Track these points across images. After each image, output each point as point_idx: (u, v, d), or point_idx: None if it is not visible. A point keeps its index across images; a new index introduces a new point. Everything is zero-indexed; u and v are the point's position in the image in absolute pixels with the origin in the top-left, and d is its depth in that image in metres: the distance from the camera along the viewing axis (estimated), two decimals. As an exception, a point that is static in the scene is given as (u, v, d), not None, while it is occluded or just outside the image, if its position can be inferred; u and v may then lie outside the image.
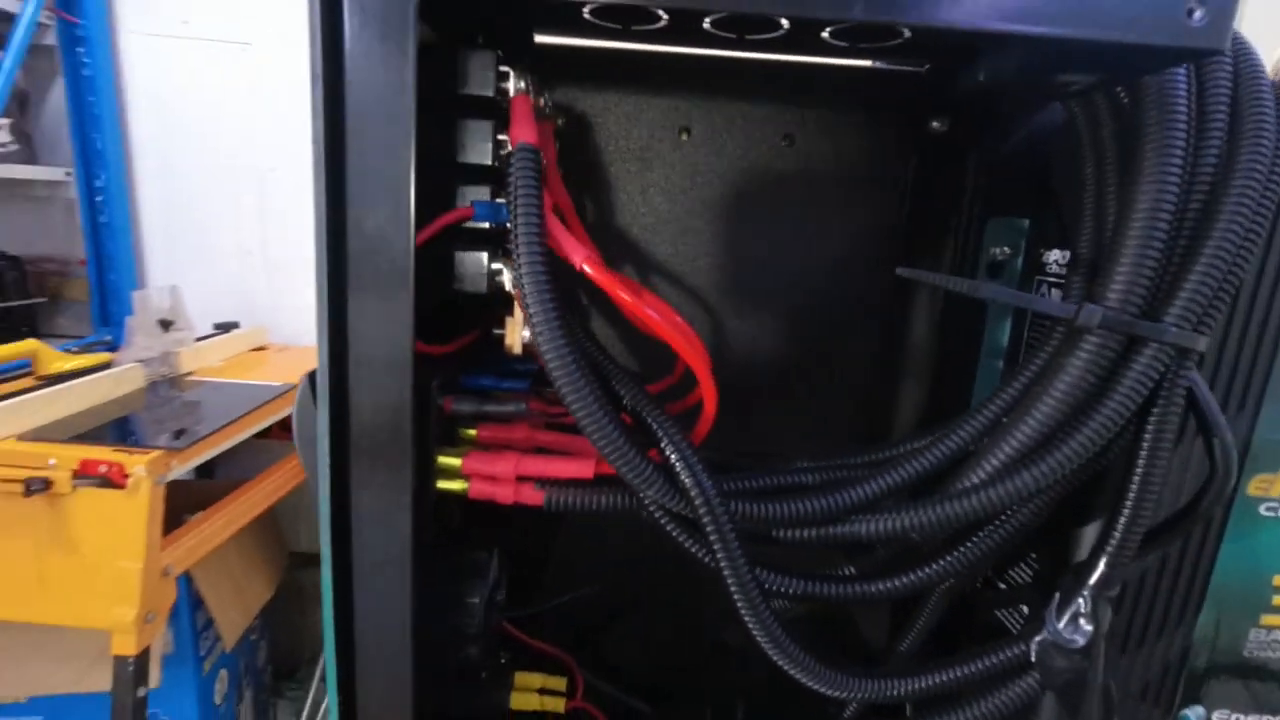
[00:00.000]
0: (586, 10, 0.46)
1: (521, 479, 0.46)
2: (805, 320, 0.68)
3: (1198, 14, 0.37)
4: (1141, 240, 0.42)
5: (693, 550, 0.45)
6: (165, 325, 1.54)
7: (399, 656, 0.44)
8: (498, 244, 0.48)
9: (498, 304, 0.49)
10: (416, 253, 0.41)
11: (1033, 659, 0.47)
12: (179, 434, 1.25)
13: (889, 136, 0.64)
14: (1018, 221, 0.62)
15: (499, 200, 0.46)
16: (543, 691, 0.65)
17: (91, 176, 1.76)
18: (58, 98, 1.74)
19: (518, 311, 0.47)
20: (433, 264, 0.45)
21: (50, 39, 1.67)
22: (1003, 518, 0.48)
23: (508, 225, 0.41)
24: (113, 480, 1.13)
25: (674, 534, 0.46)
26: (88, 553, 1.16)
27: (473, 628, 0.51)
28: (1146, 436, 0.44)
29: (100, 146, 1.74)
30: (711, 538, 0.43)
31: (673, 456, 0.43)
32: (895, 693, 0.46)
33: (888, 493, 0.47)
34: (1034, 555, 0.56)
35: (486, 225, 0.46)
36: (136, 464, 1.13)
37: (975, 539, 0.48)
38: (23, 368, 1.37)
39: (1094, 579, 0.46)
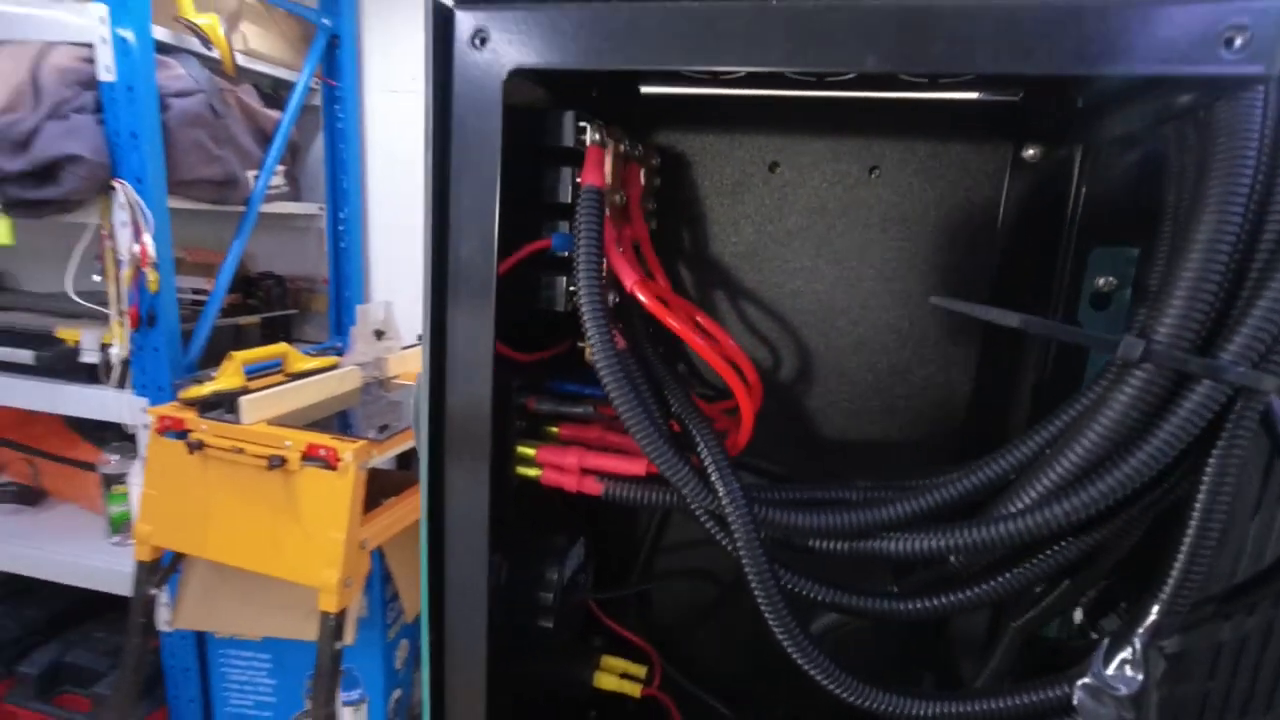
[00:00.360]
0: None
1: (585, 471, 0.54)
2: (894, 349, 0.69)
3: (1237, 42, 0.36)
4: (1197, 272, 0.40)
5: (724, 543, 0.49)
6: (379, 335, 1.82)
7: (477, 606, 0.53)
8: (578, 270, 0.56)
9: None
10: (507, 274, 0.50)
11: (1074, 702, 0.45)
12: (383, 428, 1.47)
13: (980, 166, 0.63)
14: (1127, 250, 0.59)
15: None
16: (624, 676, 0.71)
17: (337, 210, 2.14)
18: (318, 147, 2.14)
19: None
20: (523, 284, 0.55)
21: (316, 100, 2.07)
22: (1046, 553, 0.47)
23: (576, 254, 0.49)
24: (329, 462, 1.36)
25: (710, 529, 0.51)
26: (307, 521, 1.40)
27: (550, 599, 0.59)
28: (1205, 477, 0.41)
29: (345, 186, 2.12)
30: (735, 533, 0.47)
31: (707, 460, 0.48)
32: (917, 711, 0.46)
33: (922, 514, 0.48)
34: (1124, 605, 0.53)
35: (567, 254, 0.54)
36: (346, 450, 1.35)
37: (1015, 570, 0.47)
38: (276, 366, 1.69)
39: (1145, 625, 0.43)
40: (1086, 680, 0.45)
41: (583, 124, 0.52)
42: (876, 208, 0.66)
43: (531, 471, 0.55)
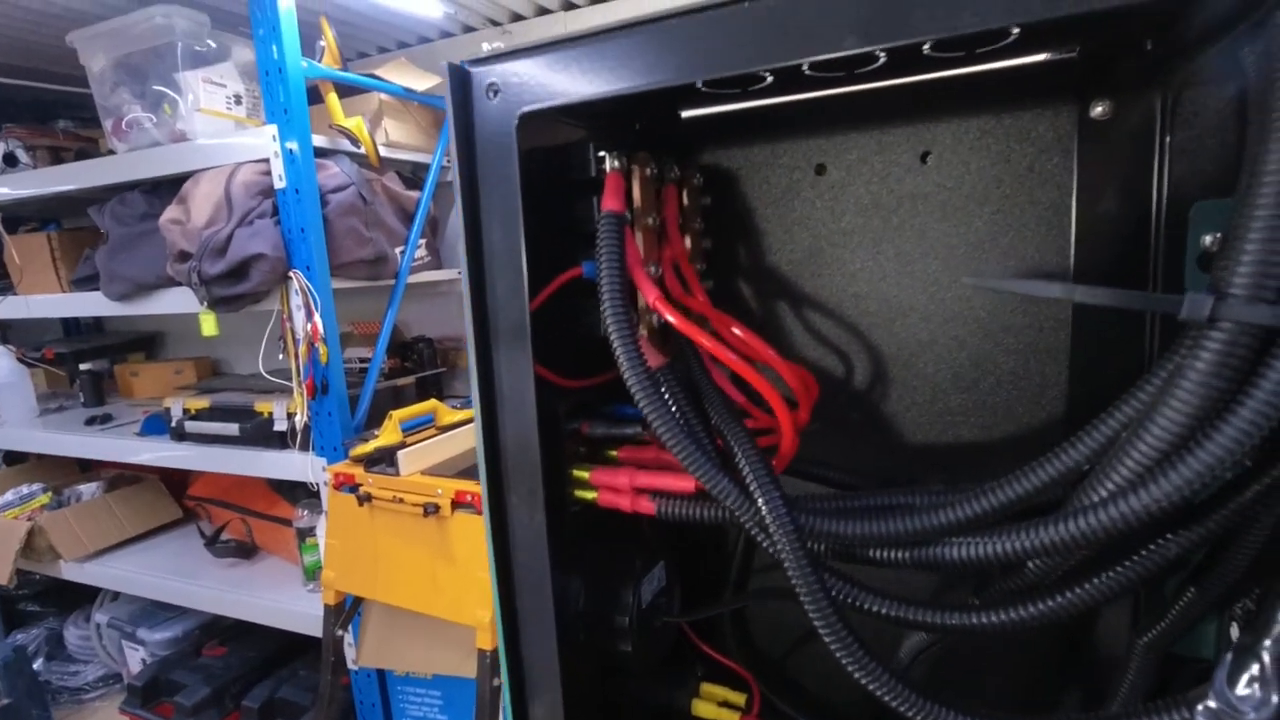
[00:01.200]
0: (699, 83, 0.55)
1: (638, 491, 0.54)
2: (973, 342, 0.63)
3: None
4: (1272, 210, 0.34)
5: (773, 554, 0.48)
6: (515, 383, 1.93)
7: (547, 630, 0.54)
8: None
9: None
10: (548, 304, 0.53)
11: (1195, 728, 0.38)
12: (520, 470, 1.54)
13: (1042, 133, 0.57)
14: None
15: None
16: (723, 704, 0.69)
17: (475, 273, 2.32)
18: (455, 218, 2.35)
19: (644, 349, 0.56)
20: (567, 313, 0.57)
21: (449, 177, 2.28)
22: (1141, 553, 0.40)
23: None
24: (476, 507, 1.45)
25: (761, 542, 0.49)
26: (461, 563, 1.50)
27: (625, 622, 0.60)
28: (1323, 452, 0.34)
29: (481, 250, 2.30)
30: (778, 543, 0.45)
31: (745, 471, 0.47)
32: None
33: (987, 515, 0.43)
34: (1248, 608, 0.45)
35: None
36: (488, 493, 1.43)
37: (1105, 574, 0.41)
38: (428, 421, 1.84)
39: (1274, 634, 0.36)
40: (1209, 703, 0.38)
41: (601, 154, 0.54)
42: (934, 195, 0.62)
43: (588, 494, 0.56)
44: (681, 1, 0.43)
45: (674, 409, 0.48)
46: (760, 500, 0.46)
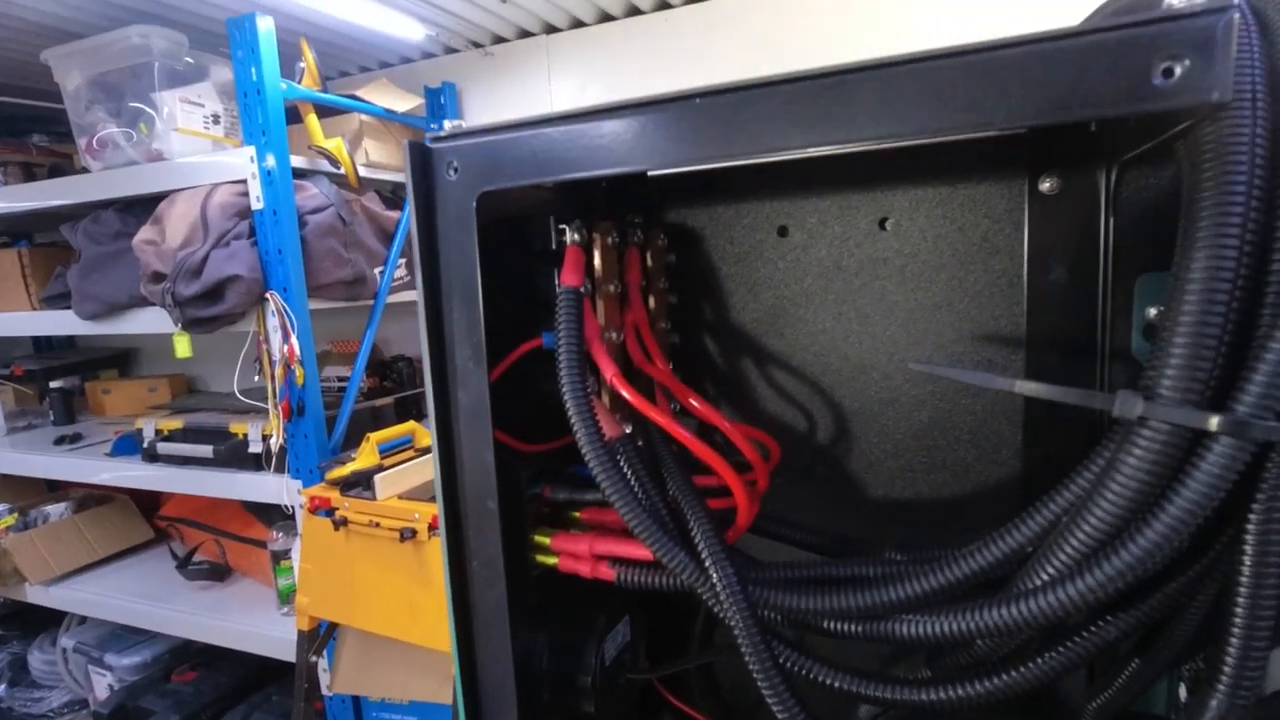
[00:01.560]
0: None
1: (598, 557, 0.55)
2: (932, 402, 0.65)
3: (1178, 71, 0.32)
4: (1196, 314, 0.35)
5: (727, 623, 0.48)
6: (493, 406, 1.93)
7: (507, 695, 0.55)
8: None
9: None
10: (511, 371, 0.54)
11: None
12: (497, 495, 1.54)
13: (994, 204, 0.59)
14: (1182, 277, 0.52)
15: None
16: (690, 755, 0.70)
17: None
18: (435, 238, 2.35)
19: (606, 412, 0.57)
20: (529, 379, 0.58)
21: (429, 197, 2.28)
22: (1085, 632, 0.41)
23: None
24: (450, 531, 1.44)
25: (718, 612, 0.50)
26: (438, 589, 1.49)
27: (587, 682, 0.60)
28: (1247, 545, 0.35)
29: (461, 270, 2.30)
30: (731, 618, 0.46)
31: (700, 544, 0.48)
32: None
33: (936, 592, 0.44)
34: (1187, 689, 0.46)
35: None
36: (463, 518, 1.43)
37: (1053, 652, 0.42)
38: (407, 443, 1.83)
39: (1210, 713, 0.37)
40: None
41: (561, 226, 0.55)
42: (892, 260, 0.63)
43: (550, 559, 0.57)
44: (634, 91, 0.43)
45: (631, 481, 0.49)
46: (715, 576, 0.47)
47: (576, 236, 0.54)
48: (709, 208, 0.70)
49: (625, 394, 0.50)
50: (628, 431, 0.53)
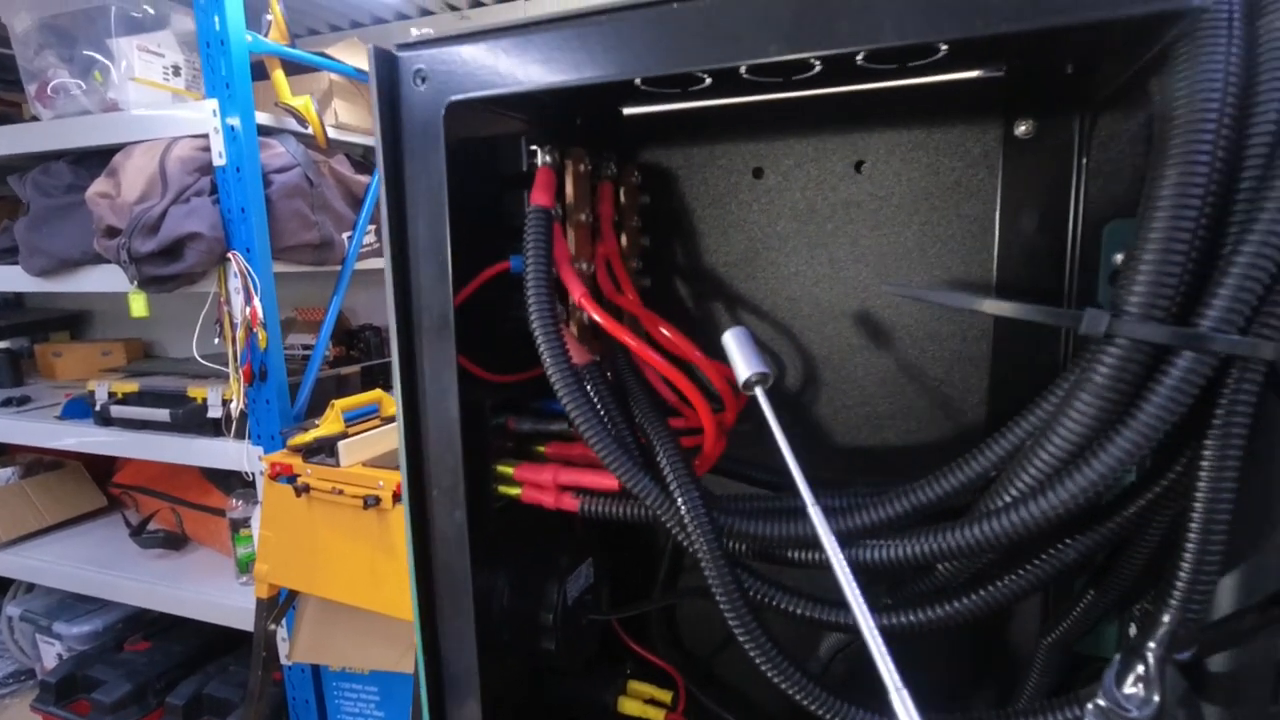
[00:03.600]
0: (637, 81, 0.54)
1: (562, 488, 0.54)
2: (901, 349, 0.65)
3: None
4: (1164, 232, 0.35)
5: (691, 552, 0.48)
6: (461, 375, 1.90)
7: (466, 628, 0.54)
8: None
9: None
10: (475, 298, 0.52)
11: (1083, 726, 0.40)
12: (462, 463, 1.52)
13: (969, 148, 0.59)
14: (1148, 221, 0.53)
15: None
16: (649, 701, 0.69)
17: (424, 262, 2.27)
18: (405, 205, 2.31)
19: (575, 346, 0.56)
20: (496, 307, 0.57)
21: (400, 163, 2.23)
22: (1042, 556, 0.42)
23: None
24: (415, 498, 1.42)
25: (682, 542, 0.49)
26: (401, 557, 1.45)
27: (550, 619, 0.59)
28: (1205, 460, 0.36)
29: (431, 239, 2.26)
30: (695, 542, 0.46)
31: (665, 469, 0.47)
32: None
33: (900, 519, 0.44)
34: (1138, 611, 0.47)
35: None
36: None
37: (1009, 577, 0.42)
38: (373, 412, 1.80)
39: (1157, 636, 0.37)
40: (1098, 701, 0.40)
41: (533, 148, 0.53)
42: (866, 204, 0.63)
43: (513, 490, 0.56)
44: (616, -2, 0.42)
45: (598, 406, 0.48)
46: (679, 499, 0.46)
47: (548, 159, 0.53)
48: (684, 148, 0.69)
49: (594, 315, 0.49)
50: (596, 360, 0.53)
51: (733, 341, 0.47)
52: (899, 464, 0.66)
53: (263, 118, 1.75)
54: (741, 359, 0.46)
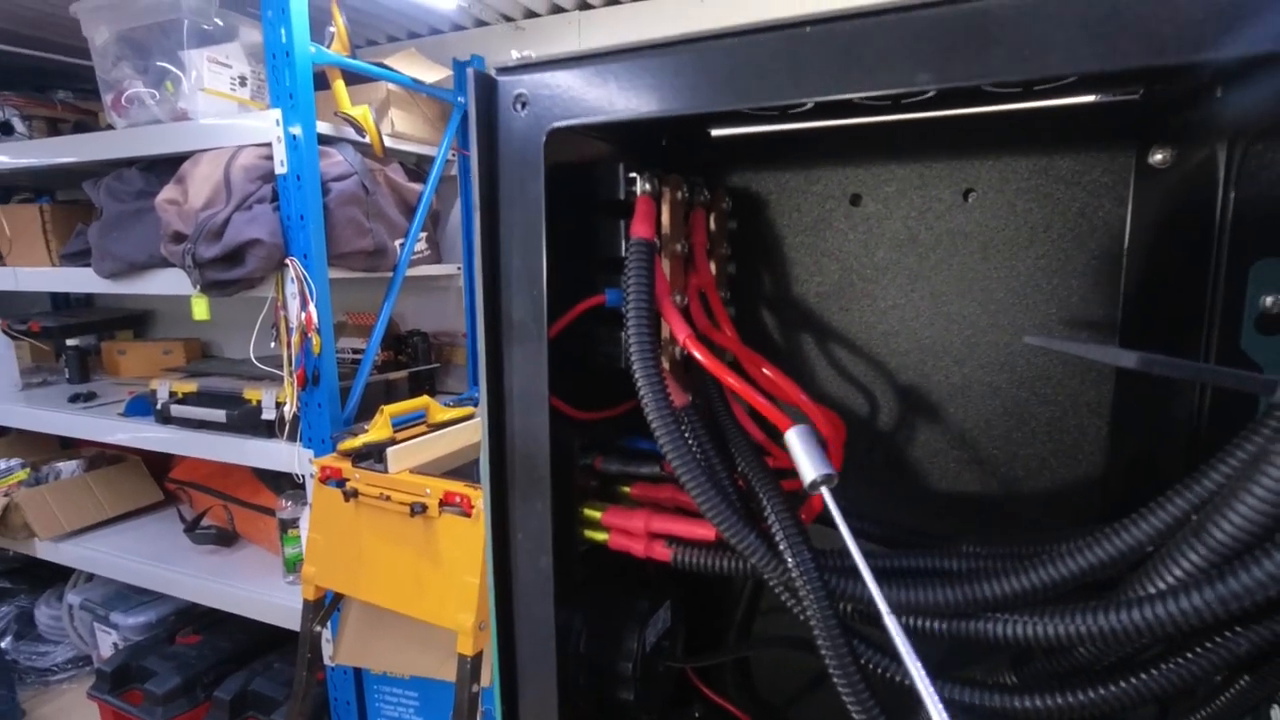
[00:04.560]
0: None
1: (653, 535, 0.51)
2: (1008, 390, 0.60)
3: None
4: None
5: (799, 615, 0.44)
6: (512, 385, 1.89)
7: (547, 676, 0.51)
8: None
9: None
10: (566, 331, 0.50)
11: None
12: (514, 475, 1.51)
13: (1096, 178, 0.54)
14: (1305, 263, 0.48)
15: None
16: (724, 749, 0.66)
17: (472, 269, 2.28)
18: (456, 213, 2.32)
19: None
20: (585, 341, 0.54)
21: (453, 171, 2.24)
22: (1207, 645, 0.37)
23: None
24: (464, 509, 1.42)
25: (785, 600, 0.46)
26: (446, 565, 1.46)
27: (628, 669, 0.56)
28: None
29: (482, 246, 2.26)
30: (808, 608, 0.42)
31: (774, 525, 0.44)
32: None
33: (1036, 591, 0.40)
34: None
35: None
36: (479, 497, 1.40)
37: (1166, 665, 0.38)
38: (420, 418, 1.80)
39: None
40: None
41: (632, 175, 0.51)
42: (975, 235, 0.59)
43: (600, 535, 0.53)
44: (724, 21, 0.39)
45: (698, 453, 0.45)
46: (790, 560, 0.43)
47: (648, 186, 0.50)
48: (775, 172, 0.65)
49: (699, 356, 0.46)
50: (693, 401, 0.50)
51: (797, 440, 0.44)
52: (1001, 515, 0.61)
53: (323, 126, 1.77)
54: (806, 459, 0.43)
